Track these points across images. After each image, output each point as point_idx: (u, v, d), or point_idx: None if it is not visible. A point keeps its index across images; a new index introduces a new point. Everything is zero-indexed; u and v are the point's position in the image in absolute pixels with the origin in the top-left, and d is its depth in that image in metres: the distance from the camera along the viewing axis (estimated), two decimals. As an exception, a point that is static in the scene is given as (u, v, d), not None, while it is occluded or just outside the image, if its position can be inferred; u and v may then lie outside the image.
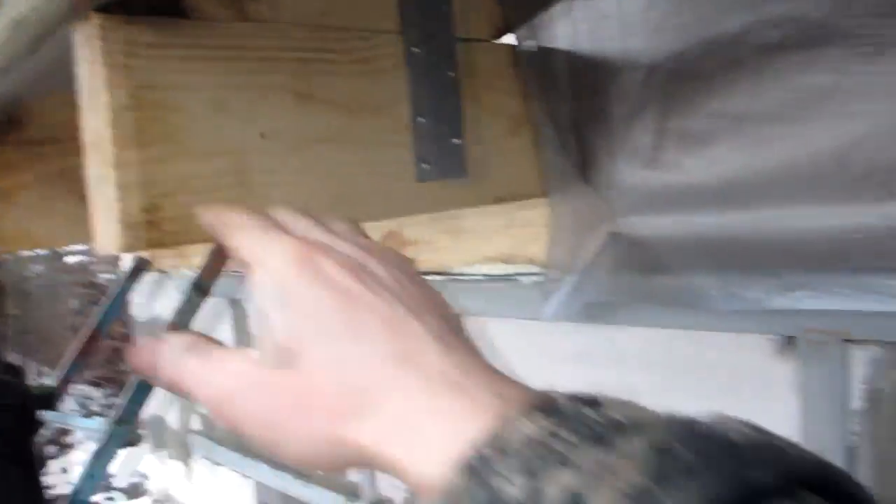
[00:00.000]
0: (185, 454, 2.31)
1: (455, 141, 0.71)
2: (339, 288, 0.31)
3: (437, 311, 0.32)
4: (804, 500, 0.21)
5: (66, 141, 1.17)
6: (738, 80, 0.76)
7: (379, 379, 0.29)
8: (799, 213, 0.74)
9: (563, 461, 0.22)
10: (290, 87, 0.55)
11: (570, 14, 0.87)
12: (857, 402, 0.79)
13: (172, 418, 2.33)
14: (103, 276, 7.04)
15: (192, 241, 0.46)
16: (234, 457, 2.00)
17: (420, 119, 0.67)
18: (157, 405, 2.24)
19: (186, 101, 0.48)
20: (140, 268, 2.07)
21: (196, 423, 2.24)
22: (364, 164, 0.60)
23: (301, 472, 1.73)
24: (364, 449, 0.29)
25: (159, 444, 2.37)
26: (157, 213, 0.42)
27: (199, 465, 2.29)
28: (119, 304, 2.03)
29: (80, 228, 1.24)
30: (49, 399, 1.15)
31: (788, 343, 0.84)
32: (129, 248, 0.42)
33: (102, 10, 0.46)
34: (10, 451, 0.80)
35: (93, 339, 1.83)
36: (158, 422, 2.35)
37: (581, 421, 0.23)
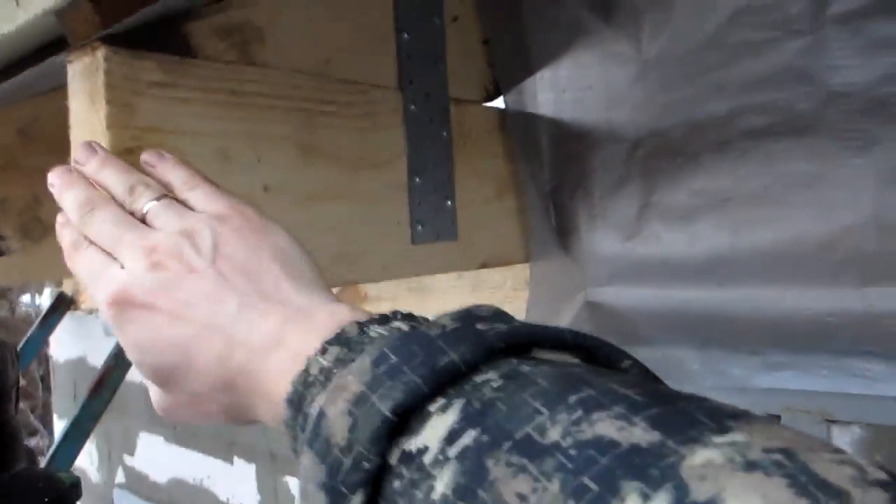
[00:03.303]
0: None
1: (448, 203, 0.69)
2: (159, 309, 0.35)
3: (261, 264, 0.36)
4: (501, 367, 0.26)
5: (8, 169, 1.08)
6: (724, 160, 0.76)
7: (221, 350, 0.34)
8: (781, 294, 0.74)
9: (327, 384, 0.29)
10: (295, 137, 0.52)
11: (557, 82, 0.87)
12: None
13: (94, 471, 2.16)
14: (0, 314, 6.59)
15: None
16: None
17: (416, 179, 0.65)
18: (80, 457, 2.07)
19: (191, 147, 0.44)
20: (59, 306, 1.93)
21: (121, 477, 2.08)
22: (364, 223, 0.57)
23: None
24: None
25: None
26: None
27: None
28: (39, 343, 1.89)
29: (18, 264, 1.14)
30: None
31: (771, 424, 0.84)
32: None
33: (105, 41, 0.42)
34: None
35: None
36: (79, 474, 2.17)
37: (354, 347, 0.30)
